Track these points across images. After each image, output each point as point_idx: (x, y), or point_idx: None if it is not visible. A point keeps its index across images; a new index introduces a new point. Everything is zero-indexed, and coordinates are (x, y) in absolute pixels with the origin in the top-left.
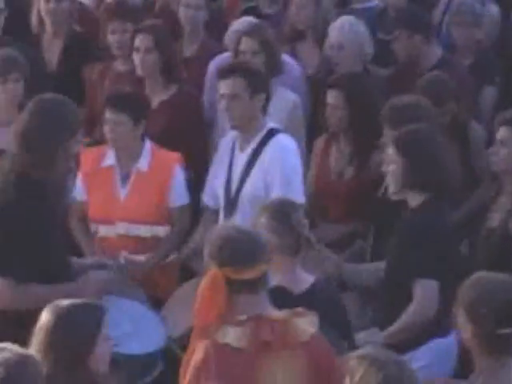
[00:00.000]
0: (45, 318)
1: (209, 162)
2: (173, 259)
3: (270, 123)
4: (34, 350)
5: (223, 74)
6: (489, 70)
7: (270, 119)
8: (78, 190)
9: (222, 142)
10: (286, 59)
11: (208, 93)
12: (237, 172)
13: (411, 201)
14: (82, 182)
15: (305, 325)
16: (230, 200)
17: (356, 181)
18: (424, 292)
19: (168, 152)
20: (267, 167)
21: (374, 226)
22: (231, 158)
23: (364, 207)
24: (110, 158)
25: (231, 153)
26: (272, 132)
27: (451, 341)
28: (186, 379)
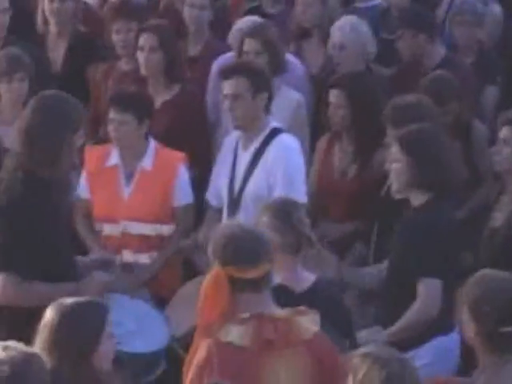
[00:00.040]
0: (49, 315)
1: (212, 162)
2: (174, 252)
3: (273, 123)
4: (38, 347)
5: (226, 74)
6: (491, 70)
7: (273, 118)
8: (82, 188)
9: (225, 141)
10: (289, 58)
11: (211, 93)
12: (240, 171)
13: (414, 200)
14: (86, 180)
15: (307, 323)
16: (234, 199)
17: (359, 180)
18: (427, 291)
19: (172, 151)
20: (270, 167)
21: (377, 225)
22: (234, 157)
23: (366, 206)
24: (114, 157)
25: (234, 152)
26: (275, 131)
27: (454, 339)
28: (189, 378)
